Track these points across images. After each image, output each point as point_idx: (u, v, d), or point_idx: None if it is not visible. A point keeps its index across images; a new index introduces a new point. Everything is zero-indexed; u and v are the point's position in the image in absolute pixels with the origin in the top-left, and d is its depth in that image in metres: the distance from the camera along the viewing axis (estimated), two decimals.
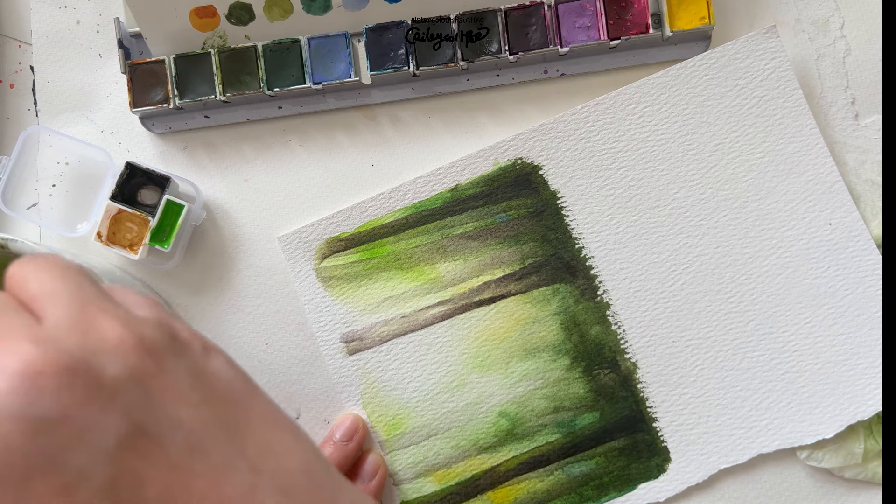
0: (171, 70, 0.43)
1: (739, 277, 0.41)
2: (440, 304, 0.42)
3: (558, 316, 0.42)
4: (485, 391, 0.42)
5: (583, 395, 0.42)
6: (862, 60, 0.43)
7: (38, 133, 0.44)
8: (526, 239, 0.42)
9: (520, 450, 0.42)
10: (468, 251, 0.42)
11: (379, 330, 0.42)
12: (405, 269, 0.42)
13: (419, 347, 0.42)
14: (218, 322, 0.43)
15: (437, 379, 0.42)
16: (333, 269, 0.43)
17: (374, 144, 0.44)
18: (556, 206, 0.42)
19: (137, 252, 0.41)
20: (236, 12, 0.42)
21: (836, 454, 0.41)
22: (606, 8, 0.41)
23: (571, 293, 0.42)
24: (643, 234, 0.42)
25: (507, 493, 0.42)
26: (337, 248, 0.43)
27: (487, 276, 0.42)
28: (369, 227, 0.43)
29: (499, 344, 0.42)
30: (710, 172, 0.41)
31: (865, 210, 0.42)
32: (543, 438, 0.42)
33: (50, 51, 0.45)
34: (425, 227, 0.42)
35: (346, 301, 0.43)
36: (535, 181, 0.42)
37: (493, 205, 0.42)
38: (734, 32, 0.43)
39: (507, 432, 0.42)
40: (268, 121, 0.44)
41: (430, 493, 0.42)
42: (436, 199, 0.43)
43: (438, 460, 0.42)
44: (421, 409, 0.42)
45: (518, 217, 0.42)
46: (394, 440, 0.42)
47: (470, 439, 0.42)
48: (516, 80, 0.43)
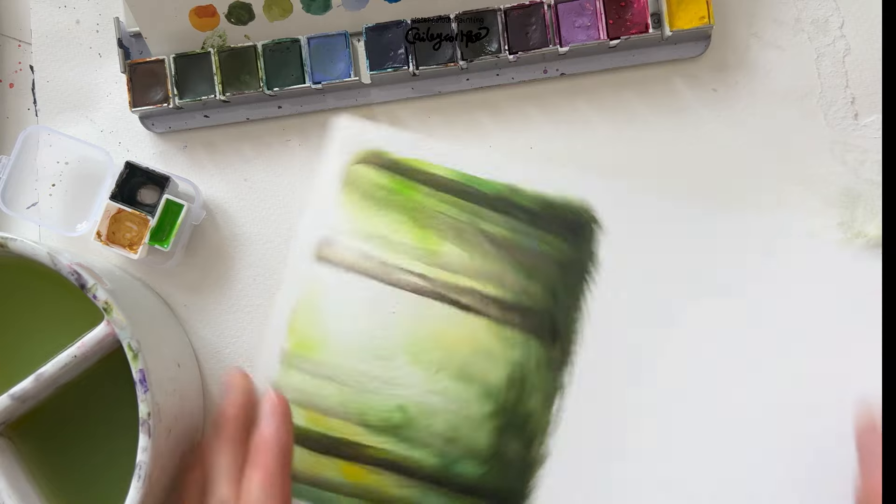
0: (171, 70, 0.43)
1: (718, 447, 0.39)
2: (420, 277, 0.40)
3: (512, 366, 0.40)
4: (400, 378, 0.40)
5: (482, 446, 0.40)
6: (862, 60, 0.43)
7: (37, 133, 0.44)
8: (537, 278, 0.40)
9: (395, 448, 0.40)
10: (480, 251, 0.41)
11: (354, 257, 0.41)
12: (415, 224, 0.41)
13: (375, 299, 0.41)
14: (217, 321, 0.43)
15: (369, 336, 0.41)
16: (360, 177, 0.41)
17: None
18: (586, 271, 0.40)
19: (137, 251, 0.41)
20: (236, 12, 0.42)
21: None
22: (606, 7, 0.41)
23: (539, 356, 0.40)
24: (643, 357, 0.40)
25: (358, 474, 0.40)
26: (375, 162, 0.41)
27: (478, 286, 0.40)
28: (415, 164, 0.41)
29: (443, 348, 0.40)
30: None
31: (865, 210, 0.42)
32: (421, 454, 0.40)
33: (49, 50, 0.45)
34: (461, 202, 0.41)
35: (348, 212, 0.41)
36: (585, 235, 0.40)
37: (534, 228, 0.41)
38: (734, 32, 0.43)
39: (393, 426, 0.40)
40: (267, 120, 0.44)
41: (295, 424, 0.40)
42: (489, 186, 0.41)
43: (320, 403, 0.40)
44: (336, 350, 0.41)
45: (546, 254, 0.40)
46: (296, 358, 0.41)
47: (359, 407, 0.40)
48: (516, 79, 0.43)
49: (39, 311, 0.39)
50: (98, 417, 0.39)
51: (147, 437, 0.34)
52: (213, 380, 0.43)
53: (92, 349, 0.36)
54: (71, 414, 0.39)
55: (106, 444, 0.39)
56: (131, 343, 0.35)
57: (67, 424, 0.39)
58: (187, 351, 0.42)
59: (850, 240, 0.42)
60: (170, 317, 0.43)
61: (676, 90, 0.43)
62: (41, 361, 0.36)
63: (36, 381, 0.36)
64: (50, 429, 0.39)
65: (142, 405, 0.34)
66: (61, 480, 0.39)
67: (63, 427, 0.39)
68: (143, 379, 0.34)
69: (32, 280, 0.39)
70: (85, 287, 0.35)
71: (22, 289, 0.39)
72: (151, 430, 0.34)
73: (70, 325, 0.38)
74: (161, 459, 0.35)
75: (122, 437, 0.38)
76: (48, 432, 0.39)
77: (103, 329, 0.35)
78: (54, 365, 0.36)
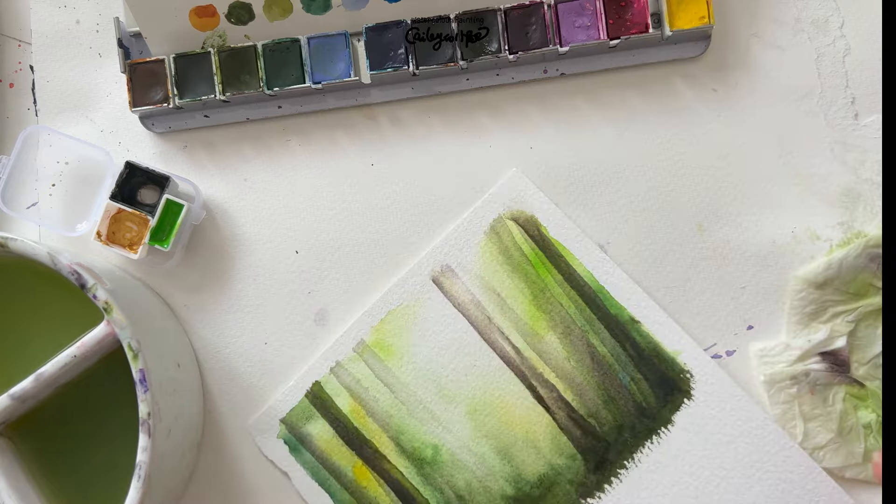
0: (171, 70, 0.43)
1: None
2: (514, 350, 0.42)
3: (551, 469, 0.41)
4: (450, 422, 0.42)
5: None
6: (861, 60, 0.43)
7: (37, 133, 0.44)
8: (611, 409, 0.42)
9: (410, 477, 0.42)
10: (577, 357, 0.42)
11: (466, 299, 0.42)
12: (534, 302, 0.42)
13: (465, 343, 0.42)
14: (217, 321, 0.43)
15: (443, 372, 0.42)
16: (506, 232, 0.42)
17: (373, 144, 0.44)
18: (656, 430, 0.41)
19: (137, 251, 0.41)
20: (236, 12, 0.42)
21: (836, 454, 0.41)
22: (606, 7, 0.41)
23: (577, 474, 0.41)
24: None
25: (366, 478, 0.42)
26: (525, 227, 0.42)
27: (560, 386, 0.42)
28: (560, 249, 0.42)
29: (501, 421, 0.42)
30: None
31: (865, 210, 0.42)
32: (429, 495, 0.42)
33: (49, 50, 0.45)
34: (584, 306, 0.42)
35: (481, 257, 0.42)
36: (672, 398, 0.41)
37: (631, 363, 0.42)
38: (734, 32, 0.43)
39: (420, 458, 0.42)
40: (267, 120, 0.44)
41: (337, 403, 0.42)
42: (615, 306, 0.42)
43: (369, 403, 0.42)
44: (408, 367, 0.42)
45: (630, 390, 0.42)
46: (369, 354, 0.42)
47: (400, 426, 0.42)
48: (516, 79, 0.43)
49: (39, 311, 0.39)
50: (98, 417, 0.39)
51: (147, 437, 0.34)
52: (213, 380, 0.43)
53: (92, 349, 0.36)
54: (71, 414, 0.39)
55: (106, 444, 0.39)
56: (131, 343, 0.35)
57: (67, 424, 0.39)
58: (187, 351, 0.42)
59: (850, 240, 0.42)
60: (170, 317, 0.43)
61: (676, 90, 0.43)
62: (41, 361, 0.36)
63: (36, 381, 0.36)
64: (50, 429, 0.39)
65: (142, 405, 0.34)
66: (61, 480, 0.39)
67: (63, 427, 0.39)
68: (143, 379, 0.34)
69: (32, 280, 0.39)
70: (85, 287, 0.35)
71: (22, 289, 0.39)
72: (151, 430, 0.34)
73: (70, 325, 0.38)
74: (161, 459, 0.35)
75: (122, 437, 0.38)
76: (48, 432, 0.39)
77: (103, 329, 0.35)
78: (54, 365, 0.36)
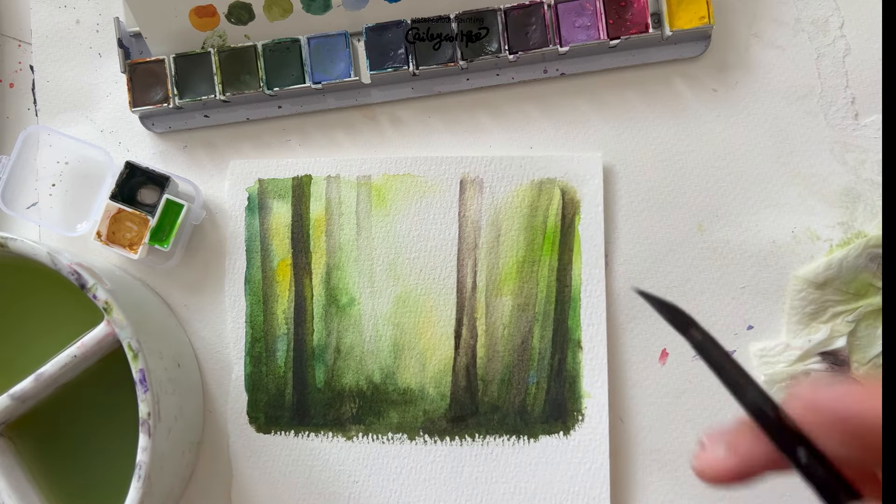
0: (171, 69, 0.43)
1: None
2: (472, 282, 0.42)
3: (420, 388, 0.42)
4: (378, 292, 0.43)
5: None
6: (861, 60, 0.43)
7: (37, 132, 0.44)
8: (502, 389, 0.42)
9: (316, 303, 0.43)
10: (512, 330, 0.42)
11: (476, 209, 0.43)
12: (519, 263, 0.42)
13: (442, 246, 0.43)
14: (217, 321, 0.43)
15: (407, 251, 0.43)
16: (549, 196, 0.43)
17: (373, 144, 0.44)
18: (522, 434, 0.42)
19: (137, 251, 0.41)
20: (236, 12, 0.42)
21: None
22: (606, 7, 0.41)
23: (435, 411, 0.42)
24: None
25: (284, 278, 0.43)
26: (566, 208, 0.43)
27: (481, 340, 0.42)
28: (576, 240, 0.42)
29: (415, 322, 0.43)
30: None
31: (865, 210, 0.42)
32: (318, 328, 0.43)
33: (50, 50, 0.45)
34: (552, 298, 0.42)
35: (516, 195, 0.43)
36: (555, 422, 0.42)
37: (547, 371, 0.42)
38: (734, 32, 0.43)
39: (334, 297, 0.43)
40: (267, 120, 0.44)
41: (310, 204, 0.43)
42: (575, 323, 0.42)
43: (333, 224, 0.43)
44: (386, 223, 0.43)
45: (528, 389, 0.42)
46: (368, 190, 0.43)
47: (340, 260, 0.43)
48: (516, 79, 0.43)
49: (39, 311, 0.39)
50: (98, 417, 0.39)
51: (147, 437, 0.34)
52: (213, 380, 0.43)
53: (92, 349, 0.36)
54: (71, 414, 0.39)
55: (106, 444, 0.39)
56: (131, 343, 0.35)
57: (67, 424, 0.39)
58: (187, 351, 0.42)
59: (850, 240, 0.42)
60: (170, 317, 0.43)
61: (676, 90, 0.43)
62: (41, 361, 0.36)
63: (36, 381, 0.36)
64: (50, 429, 0.39)
65: (142, 405, 0.34)
66: (61, 480, 0.39)
67: (63, 427, 0.39)
68: (143, 379, 0.34)
69: (32, 280, 0.39)
70: (85, 287, 0.35)
71: (22, 289, 0.39)
72: (151, 430, 0.34)
73: (70, 325, 0.38)
74: (161, 459, 0.35)
75: (122, 437, 0.38)
76: (48, 432, 0.39)
77: (103, 329, 0.35)
78: (54, 365, 0.36)
